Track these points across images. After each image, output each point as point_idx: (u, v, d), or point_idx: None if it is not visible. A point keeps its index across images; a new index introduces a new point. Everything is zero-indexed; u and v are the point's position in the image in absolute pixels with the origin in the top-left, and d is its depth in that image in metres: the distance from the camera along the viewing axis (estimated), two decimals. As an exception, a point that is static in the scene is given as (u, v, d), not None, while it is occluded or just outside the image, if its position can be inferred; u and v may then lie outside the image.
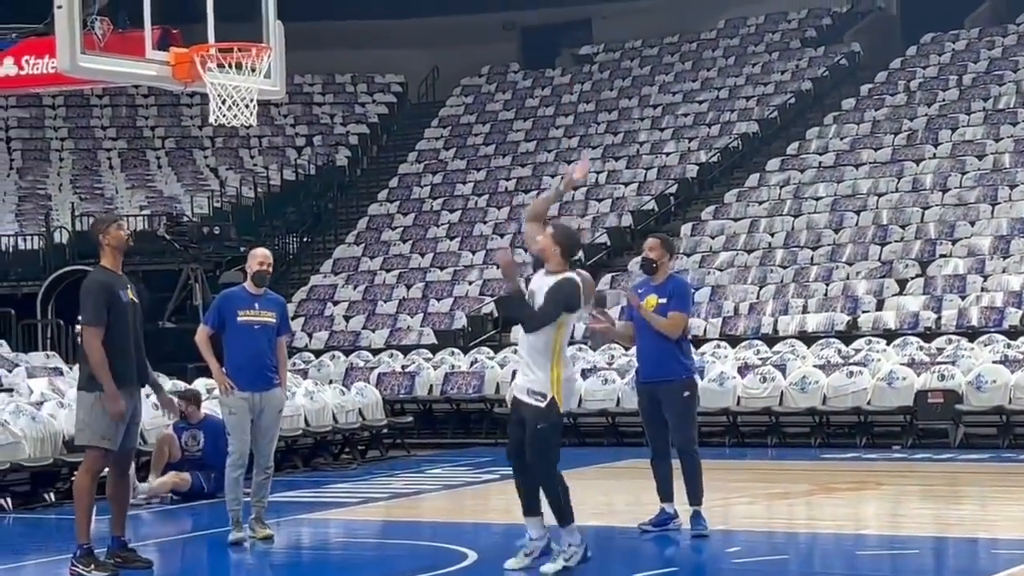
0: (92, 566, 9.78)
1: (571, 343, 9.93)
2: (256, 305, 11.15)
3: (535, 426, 9.48)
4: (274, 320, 11.23)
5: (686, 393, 10.96)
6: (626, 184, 29.27)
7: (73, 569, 9.82)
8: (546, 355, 9.27)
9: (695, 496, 11.10)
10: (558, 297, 9.20)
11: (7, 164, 33.33)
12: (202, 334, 11.17)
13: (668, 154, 30.19)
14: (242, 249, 29.06)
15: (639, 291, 11.22)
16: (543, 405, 9.39)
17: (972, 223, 23.84)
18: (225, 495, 11.28)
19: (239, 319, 11.04)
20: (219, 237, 29.13)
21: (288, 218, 31.61)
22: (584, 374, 20.27)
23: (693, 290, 11.93)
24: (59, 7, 11.37)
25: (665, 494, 11.29)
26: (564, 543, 9.42)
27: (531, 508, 9.63)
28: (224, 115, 11.98)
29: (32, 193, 31.70)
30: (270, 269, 11.49)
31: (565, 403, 9.51)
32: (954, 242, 23.35)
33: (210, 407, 15.22)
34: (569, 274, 9.38)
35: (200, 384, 18.67)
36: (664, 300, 10.94)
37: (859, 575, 9.90)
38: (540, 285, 9.40)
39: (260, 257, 11.44)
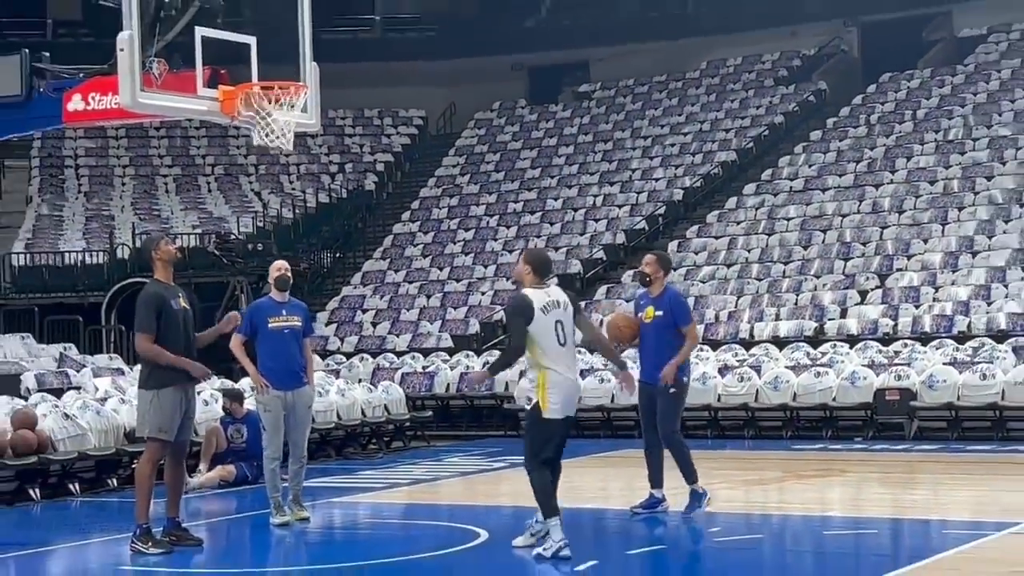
0: (149, 543, 9.78)
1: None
2: (283, 312, 11.15)
3: (524, 423, 9.67)
4: (300, 324, 11.22)
5: (672, 389, 10.98)
6: (620, 206, 29.22)
7: (133, 546, 9.81)
8: (532, 365, 9.30)
9: (689, 476, 11.17)
10: (512, 323, 9.31)
11: (76, 188, 33.38)
12: (236, 342, 11.16)
13: (657, 179, 30.14)
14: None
15: (641, 303, 11.25)
16: (528, 407, 9.43)
17: (925, 241, 23.77)
18: (266, 484, 11.29)
19: (270, 326, 11.04)
20: (262, 253, 29.19)
21: (322, 236, 31.58)
22: (583, 374, 20.24)
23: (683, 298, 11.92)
24: (121, 50, 11.37)
25: (655, 481, 11.28)
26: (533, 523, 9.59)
27: None
28: (265, 139, 11.97)
29: (97, 214, 31.72)
30: (290, 274, 11.44)
31: (553, 407, 9.26)
32: (909, 258, 23.27)
33: (251, 404, 15.20)
34: (518, 293, 9.46)
35: (244, 383, 18.67)
36: (660, 313, 10.97)
37: (825, 552, 9.85)
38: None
39: (279, 266, 11.46)
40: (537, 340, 9.19)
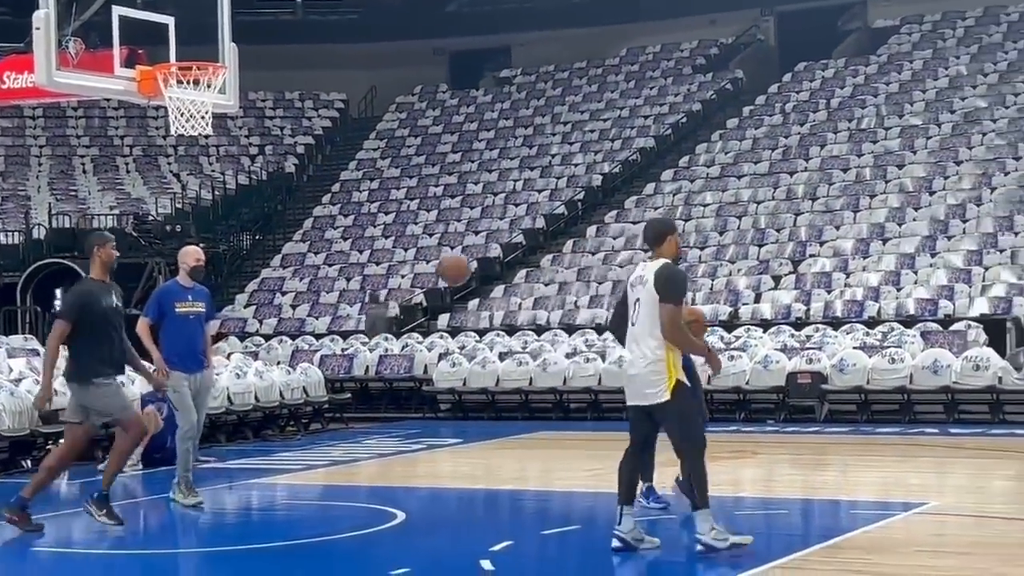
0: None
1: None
2: (190, 297, 11.14)
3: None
4: (204, 309, 11.23)
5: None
6: (539, 191, 29.29)
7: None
8: None
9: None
10: None
11: (-9, 168, 32.86)
12: (143, 325, 11.12)
13: (576, 165, 30.24)
14: (201, 245, 28.92)
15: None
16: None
17: (837, 227, 24.07)
18: (178, 463, 11.23)
19: (177, 310, 11.05)
20: (180, 234, 28.91)
21: (242, 218, 31.36)
22: (501, 357, 20.30)
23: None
24: (37, 28, 11.22)
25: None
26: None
27: None
28: (182, 126, 11.87)
29: (13, 194, 31.23)
30: (203, 265, 11.42)
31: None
32: (822, 244, 23.56)
33: (142, 388, 15.05)
34: None
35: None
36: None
37: (738, 531, 9.94)
38: None
39: (196, 254, 11.38)
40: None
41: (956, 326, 19.30)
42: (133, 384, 15.91)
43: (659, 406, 8.48)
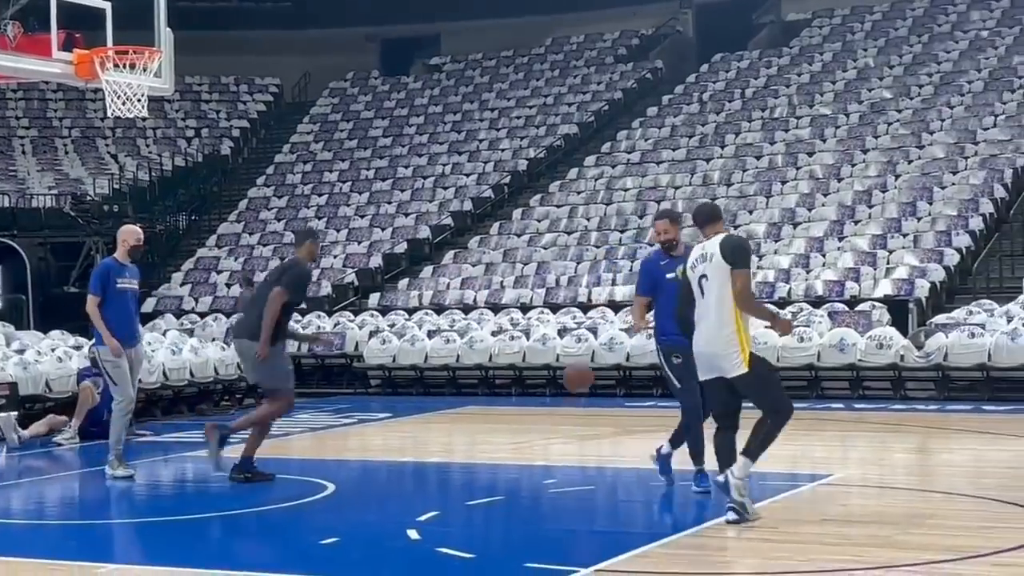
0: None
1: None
2: (127, 274, 11.23)
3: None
4: (137, 286, 11.41)
5: (676, 359, 9.64)
6: (468, 175, 29.24)
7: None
8: None
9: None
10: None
11: (-70, 148, 32.23)
12: (92, 302, 11.13)
13: (503, 150, 30.22)
14: (138, 225, 28.61)
15: (662, 263, 9.75)
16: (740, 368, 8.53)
17: (751, 212, 24.26)
18: (111, 436, 11.22)
19: (118, 286, 11.12)
20: (118, 214, 28.59)
21: (178, 199, 31.03)
22: (429, 334, 20.28)
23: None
24: (-25, 12, 11.03)
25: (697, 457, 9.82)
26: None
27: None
28: (119, 108, 11.74)
29: (-47, 174, 30.68)
30: (141, 244, 11.54)
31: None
32: (735, 228, 23.69)
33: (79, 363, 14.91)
34: None
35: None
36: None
37: (654, 501, 10.04)
38: None
39: (137, 234, 11.44)
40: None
41: (861, 307, 19.52)
42: (71, 359, 15.77)
43: (739, 378, 8.41)
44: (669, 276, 9.63)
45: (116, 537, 9.05)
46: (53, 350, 16.61)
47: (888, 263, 21.13)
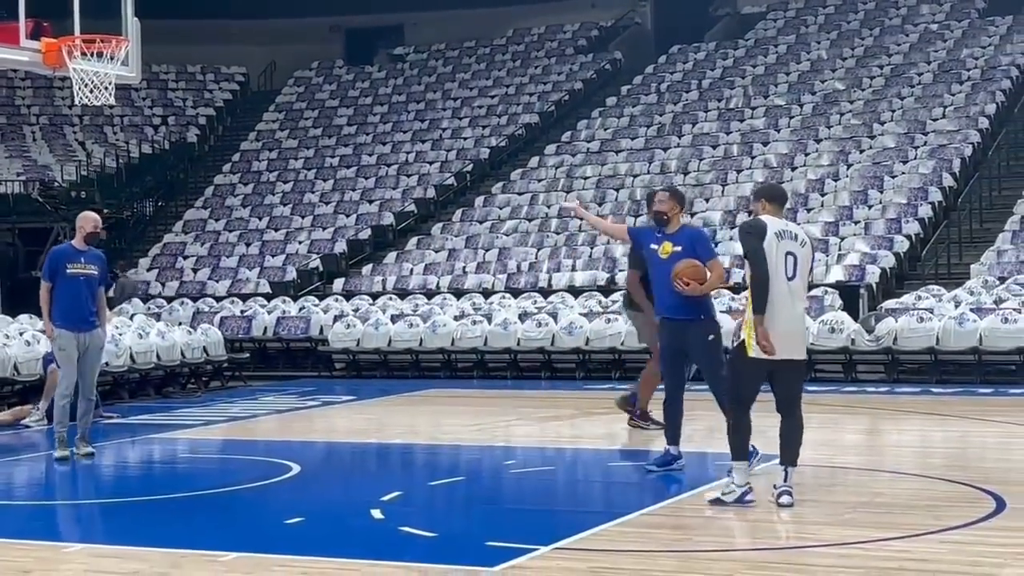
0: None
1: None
2: (82, 260, 10.98)
3: (728, 359, 8.50)
4: (96, 273, 11.04)
5: (712, 336, 9.56)
6: (431, 163, 29.20)
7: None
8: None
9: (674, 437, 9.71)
10: (748, 246, 8.09)
11: (-101, 134, 31.87)
12: (43, 289, 11.00)
13: (466, 139, 30.19)
14: (105, 211, 28.40)
15: (656, 236, 9.70)
16: (735, 344, 8.32)
17: (707, 200, 24.35)
18: (54, 419, 11.17)
19: (68, 271, 10.89)
20: (85, 201, 28.37)
21: (145, 185, 30.83)
22: (392, 319, 20.24)
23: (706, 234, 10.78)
24: (-57, 0, 10.91)
25: (671, 436, 9.76)
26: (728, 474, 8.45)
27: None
28: (86, 96, 11.65)
29: (-79, 160, 30.35)
30: (101, 232, 11.39)
31: (757, 347, 8.05)
32: (692, 215, 23.78)
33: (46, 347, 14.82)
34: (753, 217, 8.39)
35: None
36: (679, 248, 9.48)
37: (612, 482, 10.07)
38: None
39: (95, 221, 11.21)
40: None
41: (814, 292, 19.61)
42: (38, 343, 15.65)
43: (802, 361, 8.32)
44: (653, 247, 9.70)
45: (83, 517, 9.00)
46: (21, 334, 16.48)
47: (840, 250, 21.27)
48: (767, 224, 8.10)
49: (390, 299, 22.27)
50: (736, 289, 18.44)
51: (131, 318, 19.79)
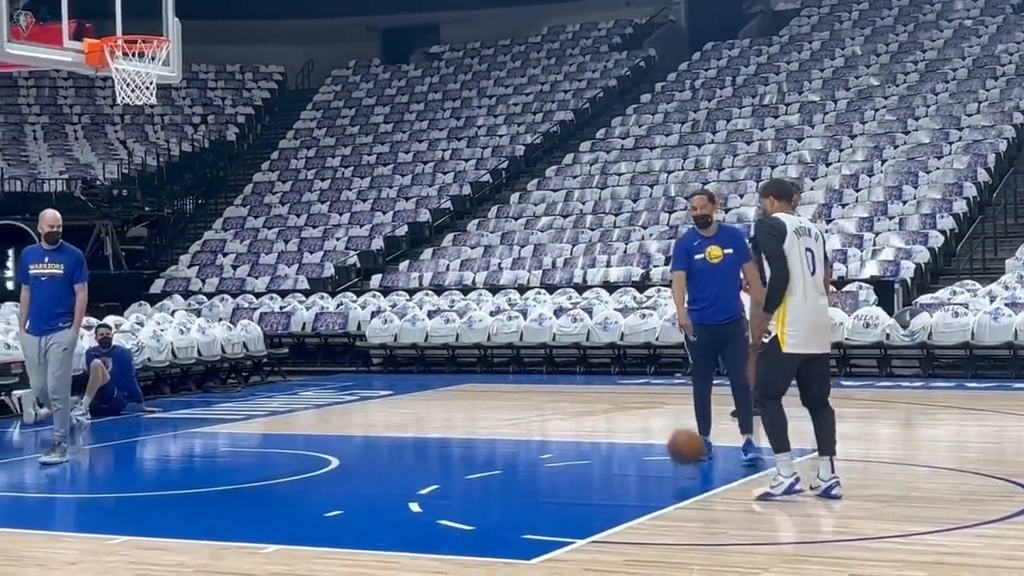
0: None
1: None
2: (47, 259, 10.53)
3: (762, 354, 8.28)
4: (62, 272, 10.48)
5: (747, 333, 9.47)
6: (466, 160, 29.22)
7: None
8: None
9: (747, 426, 9.86)
10: (767, 247, 8.10)
11: (-55, 134, 32.20)
12: (25, 292, 10.68)
13: (501, 136, 30.19)
14: (146, 209, 28.59)
15: (694, 243, 9.80)
16: (767, 339, 8.17)
17: (741, 195, 24.25)
18: (54, 425, 10.70)
19: (31, 272, 10.55)
20: (126, 199, 28.59)
21: (186, 183, 31.01)
22: (431, 315, 20.27)
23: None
24: (-12, 2, 11.01)
25: (707, 428, 10.01)
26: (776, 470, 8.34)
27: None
28: (128, 96, 11.71)
29: (-34, 159, 30.65)
30: (59, 229, 10.62)
31: (792, 341, 8.04)
32: (727, 211, 23.72)
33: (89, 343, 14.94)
34: (768, 216, 8.36)
35: (110, 320, 18.36)
36: (730, 250, 9.67)
37: (647, 476, 10.06)
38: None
39: (51, 220, 10.63)
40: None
41: (849, 287, 19.55)
42: (82, 339, 15.75)
43: (830, 354, 8.33)
44: (697, 257, 9.78)
45: (127, 510, 9.07)
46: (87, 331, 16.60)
47: (874, 245, 21.14)
48: (786, 223, 8.13)
49: (426, 295, 22.31)
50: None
51: (172, 314, 19.93)
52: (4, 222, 26.32)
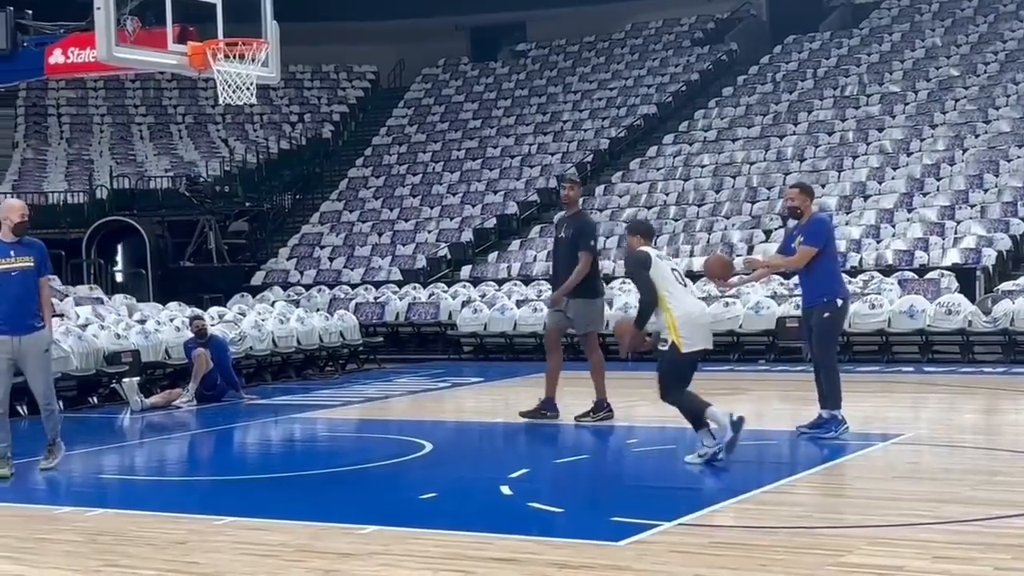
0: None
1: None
2: (12, 253, 9.32)
3: (661, 361, 9.18)
4: (32, 264, 9.35)
5: (826, 314, 10.21)
6: (552, 154, 29.19)
7: None
8: (660, 309, 9.11)
9: (832, 401, 10.27)
10: (637, 278, 9.28)
11: (58, 135, 32.86)
12: None
13: (586, 130, 30.11)
14: (247, 204, 28.97)
15: (793, 234, 10.43)
16: (665, 347, 9.10)
17: (823, 186, 23.94)
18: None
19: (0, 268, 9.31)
20: (228, 195, 28.97)
21: (283, 179, 31.35)
22: (518, 304, 20.27)
23: (830, 225, 10.97)
24: (98, 8, 11.22)
25: (824, 402, 10.46)
26: (699, 443, 9.26)
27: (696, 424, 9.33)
28: (229, 96, 11.84)
29: (78, 158, 31.26)
30: (27, 220, 9.45)
31: (687, 342, 9.04)
32: (809, 201, 23.42)
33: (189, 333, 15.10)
34: (635, 251, 9.42)
35: (214, 311, 18.63)
36: (802, 238, 10.25)
37: (732, 459, 9.96)
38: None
39: (21, 209, 9.43)
40: (660, 284, 9.04)
41: (930, 275, 19.22)
42: (187, 329, 16.02)
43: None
44: (792, 246, 10.40)
45: (231, 492, 9.20)
46: (171, 320, 16.90)
47: (956, 233, 20.76)
48: (650, 254, 9.24)
49: (515, 285, 22.34)
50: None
51: (272, 305, 20.18)
52: (114, 218, 26.85)
